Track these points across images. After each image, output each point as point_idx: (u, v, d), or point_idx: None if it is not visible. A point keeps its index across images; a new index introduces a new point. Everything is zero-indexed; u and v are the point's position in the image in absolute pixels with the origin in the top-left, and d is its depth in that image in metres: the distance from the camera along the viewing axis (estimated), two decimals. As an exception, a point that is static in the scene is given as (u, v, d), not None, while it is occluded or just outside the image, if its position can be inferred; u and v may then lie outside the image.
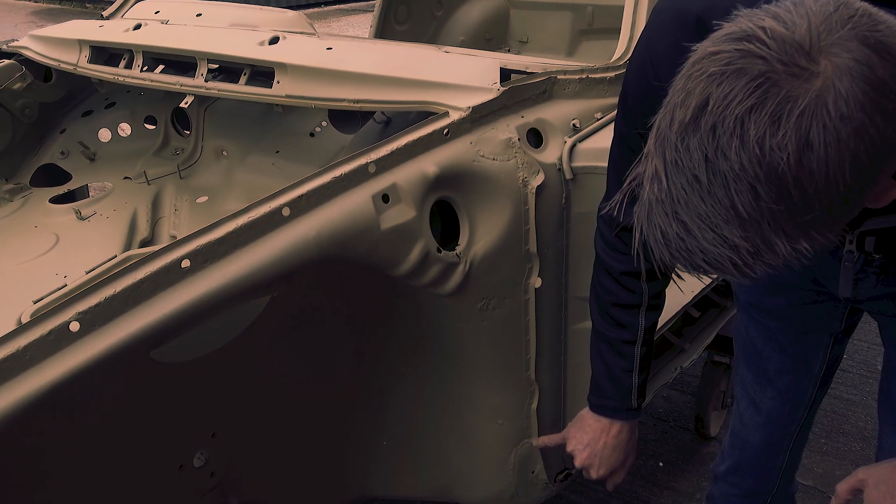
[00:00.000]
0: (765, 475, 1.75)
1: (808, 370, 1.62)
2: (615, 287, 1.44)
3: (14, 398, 1.04)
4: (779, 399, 1.65)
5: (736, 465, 1.76)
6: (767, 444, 1.71)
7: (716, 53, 0.79)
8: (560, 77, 1.62)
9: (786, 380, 1.63)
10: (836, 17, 0.77)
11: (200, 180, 2.19)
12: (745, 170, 0.76)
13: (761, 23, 0.78)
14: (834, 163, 0.75)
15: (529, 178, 1.50)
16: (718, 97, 0.77)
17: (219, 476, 1.45)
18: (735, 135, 0.76)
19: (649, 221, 0.85)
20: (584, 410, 1.58)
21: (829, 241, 0.82)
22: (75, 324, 1.08)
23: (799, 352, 1.60)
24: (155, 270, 1.14)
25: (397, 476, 1.75)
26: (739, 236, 0.80)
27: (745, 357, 1.68)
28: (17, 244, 2.02)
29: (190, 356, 1.29)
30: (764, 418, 1.68)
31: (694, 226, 0.81)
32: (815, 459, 2.75)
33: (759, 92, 0.75)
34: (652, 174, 0.83)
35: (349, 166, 1.33)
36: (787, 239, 0.80)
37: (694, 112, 0.78)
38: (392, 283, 1.43)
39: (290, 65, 1.68)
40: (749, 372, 1.68)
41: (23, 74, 2.22)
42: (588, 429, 1.55)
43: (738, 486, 1.78)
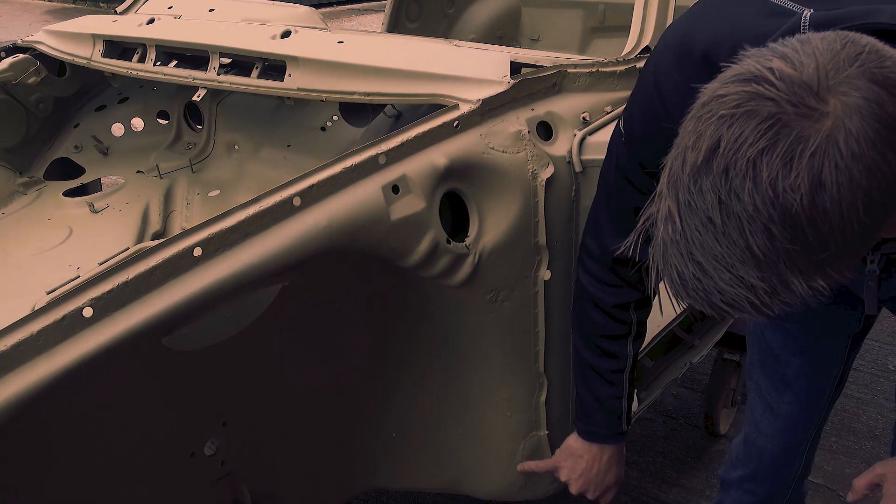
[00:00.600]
0: (782, 481, 1.76)
1: (826, 372, 1.63)
2: (605, 320, 1.45)
3: (27, 382, 1.05)
4: (798, 403, 1.65)
5: (753, 473, 1.76)
6: (785, 450, 1.71)
7: (725, 95, 0.79)
8: (570, 70, 1.63)
9: (804, 383, 1.63)
10: (843, 55, 0.78)
11: (212, 174, 2.21)
12: (758, 211, 0.77)
13: (769, 63, 0.79)
14: (847, 202, 0.76)
15: (539, 171, 1.51)
16: (730, 139, 0.77)
17: (229, 465, 1.46)
18: (748, 177, 0.76)
19: (665, 262, 0.86)
20: (573, 438, 1.61)
21: (844, 277, 0.82)
22: (88, 309, 1.09)
23: (818, 354, 1.60)
24: (167, 258, 1.15)
25: (406, 468, 1.76)
26: (756, 276, 0.80)
27: (762, 362, 1.67)
28: (31, 236, 2.04)
29: (201, 345, 1.30)
30: (782, 424, 1.68)
31: (710, 266, 0.81)
32: (826, 458, 2.75)
33: (770, 134, 0.76)
34: (666, 215, 0.84)
35: (360, 157, 1.34)
36: (803, 277, 0.80)
37: (706, 154, 0.79)
38: (401, 274, 1.44)
39: (302, 58, 1.69)
40: (766, 377, 1.67)
41: (37, 69, 2.24)
42: (579, 458, 1.60)
43: (754, 493, 1.78)
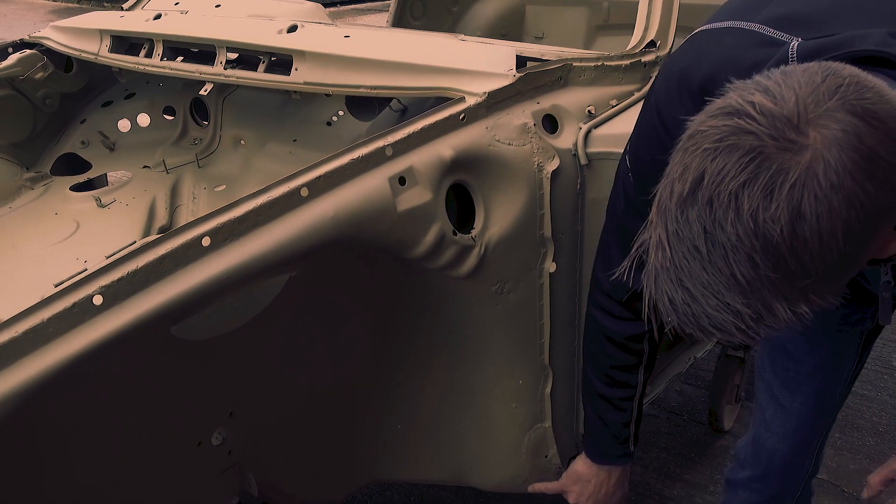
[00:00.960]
0: (792, 480, 1.75)
1: (839, 370, 1.62)
2: (618, 352, 1.47)
3: (37, 370, 1.06)
4: (810, 401, 1.65)
5: (763, 473, 1.75)
6: (797, 449, 1.70)
7: (708, 129, 0.82)
8: (576, 64, 1.64)
9: (817, 381, 1.63)
10: (823, 88, 0.80)
11: (219, 169, 2.22)
12: (741, 241, 0.80)
13: (751, 97, 0.81)
14: (827, 231, 0.78)
15: (545, 163, 1.52)
16: (713, 172, 0.80)
17: (236, 455, 1.47)
18: (730, 208, 0.79)
19: (657, 287, 0.89)
20: (580, 462, 1.65)
21: (828, 303, 0.85)
22: (98, 297, 1.10)
23: (831, 351, 1.60)
24: (176, 247, 1.16)
25: (411, 460, 1.77)
26: (741, 303, 0.83)
27: (773, 360, 1.67)
28: (38, 230, 2.05)
29: (209, 334, 1.31)
30: (794, 423, 1.67)
31: (698, 293, 0.84)
32: (830, 454, 2.75)
33: (752, 167, 0.78)
34: (656, 242, 0.87)
35: (366, 149, 1.35)
36: (787, 303, 0.83)
37: (691, 186, 0.82)
38: (408, 265, 1.45)
39: (309, 52, 1.70)
40: (777, 376, 1.67)
41: (44, 64, 2.25)
42: (588, 482, 1.65)
43: (763, 493, 1.77)
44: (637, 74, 1.70)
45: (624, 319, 1.43)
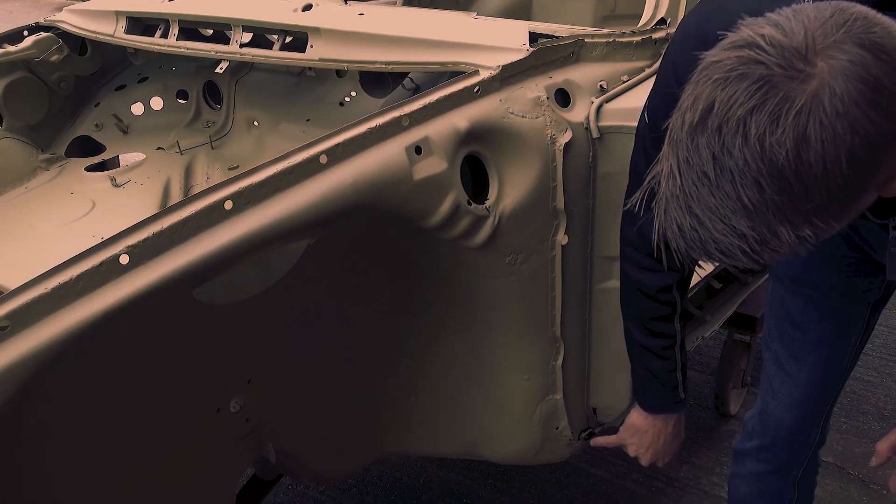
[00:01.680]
0: (799, 449, 1.77)
1: (846, 340, 1.64)
2: (651, 304, 1.51)
3: (67, 325, 1.08)
4: (817, 371, 1.66)
5: (770, 442, 1.77)
6: (803, 419, 1.72)
7: (720, 61, 0.86)
8: (587, 40, 1.66)
9: (825, 351, 1.64)
10: (831, 21, 0.83)
11: (232, 150, 2.24)
12: (748, 165, 0.83)
13: (761, 31, 0.85)
14: (831, 156, 0.81)
15: (557, 136, 1.54)
16: (723, 100, 0.84)
17: (254, 422, 1.50)
18: (738, 133, 0.83)
19: (666, 216, 0.93)
20: (635, 415, 1.68)
21: (832, 228, 0.88)
22: (125, 256, 1.13)
23: (838, 322, 1.62)
24: (199, 210, 1.18)
25: (425, 433, 1.79)
26: (747, 226, 0.86)
27: (780, 330, 1.69)
28: (54, 209, 2.08)
29: (229, 299, 1.33)
30: (801, 392, 1.69)
31: (705, 218, 0.88)
32: (836, 438, 2.77)
33: (760, 94, 0.82)
34: (667, 172, 0.91)
35: (384, 118, 1.37)
36: (790, 227, 0.86)
37: (701, 114, 0.85)
38: (423, 235, 1.48)
39: (324, 29, 1.72)
40: (784, 346, 1.68)
41: (59, 47, 2.28)
42: (645, 433, 1.67)
43: (770, 463, 1.79)
44: (648, 51, 1.73)
45: (652, 271, 1.46)
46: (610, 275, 1.71)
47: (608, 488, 2.60)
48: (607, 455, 2.73)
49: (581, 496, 2.56)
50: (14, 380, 1.05)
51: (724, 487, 2.57)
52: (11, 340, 1.05)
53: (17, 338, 1.06)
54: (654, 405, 1.64)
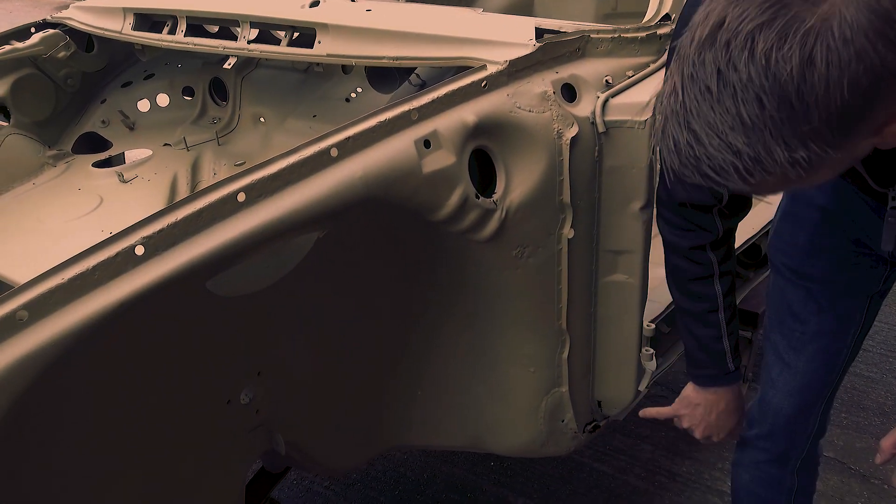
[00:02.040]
0: (797, 439, 1.77)
1: (845, 332, 1.65)
2: (686, 263, 1.53)
3: (84, 315, 1.10)
4: (815, 361, 1.67)
5: (769, 431, 1.78)
6: (801, 409, 1.73)
7: None
8: (593, 36, 1.68)
9: (824, 342, 1.65)
10: None
11: (238, 146, 2.26)
12: (751, 80, 0.85)
13: None
14: (834, 79, 0.83)
15: (564, 130, 1.56)
16: (734, 16, 0.86)
17: (264, 414, 1.51)
18: (745, 48, 0.85)
19: (664, 134, 0.95)
20: (688, 388, 1.67)
21: (826, 156, 0.89)
22: (140, 247, 1.14)
23: (837, 314, 1.62)
24: (213, 202, 1.20)
25: (431, 426, 1.80)
26: (743, 142, 0.88)
27: (780, 322, 1.70)
28: (62, 205, 2.09)
29: (241, 291, 1.35)
30: (799, 382, 1.70)
31: (703, 133, 0.90)
32: (836, 433, 2.79)
33: (771, 11, 0.84)
34: (670, 90, 0.93)
35: (393, 112, 1.39)
36: (785, 147, 0.88)
37: (711, 29, 0.88)
38: (432, 228, 1.49)
39: (332, 25, 1.74)
40: (783, 337, 1.69)
41: (66, 44, 2.30)
42: (697, 406, 1.65)
43: (769, 451, 1.80)
44: (653, 46, 1.74)
45: (683, 230, 1.49)
46: (615, 268, 1.73)
47: (611, 483, 2.61)
48: (610, 450, 2.75)
49: (584, 491, 2.58)
50: (33, 368, 1.06)
51: (726, 482, 2.60)
52: (30, 329, 1.07)
53: (36, 327, 1.07)
54: (704, 377, 1.63)
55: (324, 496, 2.54)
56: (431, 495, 2.55)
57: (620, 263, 1.73)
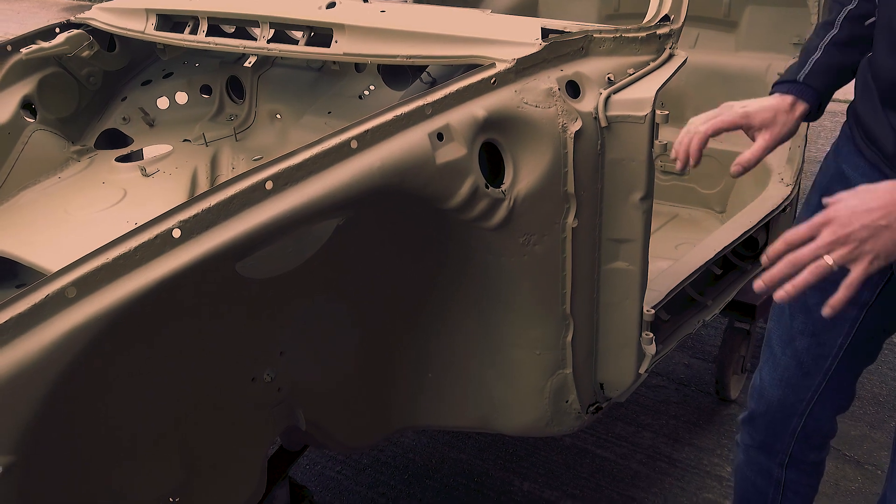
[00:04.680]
0: (777, 433, 1.77)
1: (827, 340, 1.61)
2: None
3: (126, 291, 1.20)
4: (794, 360, 1.66)
5: (751, 414, 1.81)
6: (780, 403, 1.72)
7: None
8: (596, 35, 1.78)
9: (805, 343, 1.64)
10: None
11: (255, 142, 2.35)
12: None
13: None
14: None
15: (568, 125, 1.66)
16: None
17: (285, 392, 1.60)
18: None
19: None
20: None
21: None
22: (177, 231, 1.24)
23: (823, 318, 1.52)
24: (243, 189, 1.30)
25: (441, 407, 1.90)
26: None
27: (778, 311, 1.70)
28: (88, 197, 2.18)
29: (267, 274, 1.44)
30: (779, 376, 1.70)
31: None
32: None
33: None
34: None
35: (408, 107, 1.49)
36: None
37: None
38: (443, 217, 1.59)
39: (348, 25, 1.83)
40: (778, 326, 1.70)
41: (90, 43, 2.39)
42: (760, 102, 1.50)
43: (752, 437, 1.82)
44: (653, 46, 1.84)
45: None
46: (616, 256, 1.82)
47: (613, 468, 2.70)
48: (612, 437, 2.84)
49: (587, 475, 2.66)
50: (81, 341, 1.16)
51: (725, 468, 2.69)
52: (78, 305, 1.16)
53: (83, 303, 1.17)
54: (778, 83, 1.52)
55: (335, 480, 2.64)
56: (440, 479, 2.64)
57: (622, 252, 1.82)
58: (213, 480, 1.52)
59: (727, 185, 3.12)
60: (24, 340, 1.12)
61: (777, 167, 2.76)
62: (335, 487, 2.61)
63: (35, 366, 1.13)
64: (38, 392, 1.15)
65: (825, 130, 5.68)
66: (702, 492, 2.60)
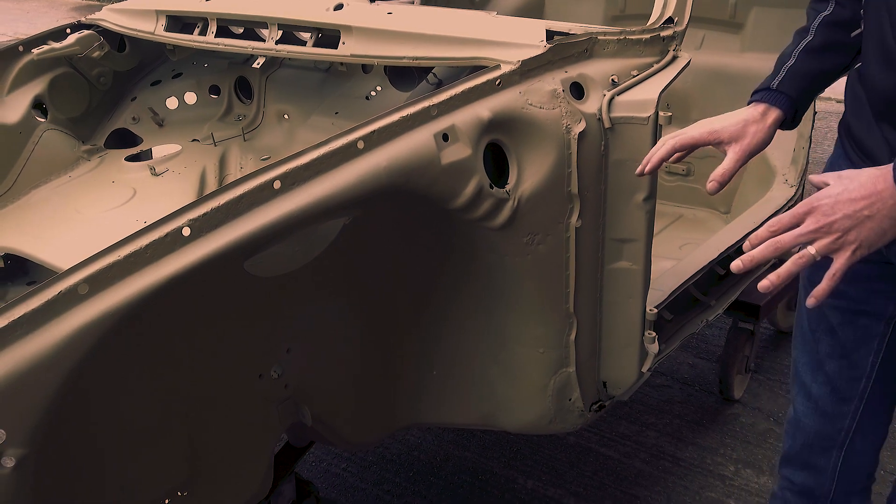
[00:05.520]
0: (817, 472, 1.66)
1: (858, 359, 1.53)
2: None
3: (137, 288, 1.22)
4: (828, 386, 1.58)
5: (787, 453, 1.71)
6: (818, 436, 1.63)
7: None
8: (600, 38, 1.80)
9: (835, 366, 1.56)
10: None
11: (263, 142, 2.38)
12: None
13: None
14: None
15: (572, 126, 1.68)
16: None
17: (292, 388, 1.63)
18: None
19: None
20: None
21: None
22: (187, 229, 1.27)
23: (850, 337, 1.52)
24: (251, 188, 1.32)
25: (446, 404, 1.92)
26: None
27: (801, 338, 1.63)
28: (98, 196, 2.21)
29: (274, 272, 1.47)
30: (813, 405, 1.61)
31: None
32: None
33: None
34: None
35: (414, 108, 1.51)
36: None
37: None
38: (448, 216, 1.61)
39: (355, 27, 1.86)
40: (803, 354, 1.62)
41: (101, 44, 2.42)
42: (730, 117, 1.49)
43: (792, 482, 1.71)
44: (656, 48, 1.86)
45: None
46: (620, 256, 1.84)
47: (616, 467, 2.72)
48: (616, 436, 2.86)
49: (590, 473, 2.68)
50: (93, 336, 1.19)
51: (728, 467, 2.71)
52: (90, 301, 1.19)
53: (95, 299, 1.19)
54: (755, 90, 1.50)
55: (341, 477, 2.66)
56: (444, 477, 2.66)
57: (625, 251, 1.84)
58: (221, 475, 1.55)
59: (732, 185, 3.13)
60: (37, 336, 1.15)
61: (781, 168, 2.78)
62: (341, 484, 2.63)
63: (48, 360, 1.16)
64: (51, 386, 1.17)
65: (831, 132, 5.69)
66: (705, 490, 2.62)
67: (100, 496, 1.36)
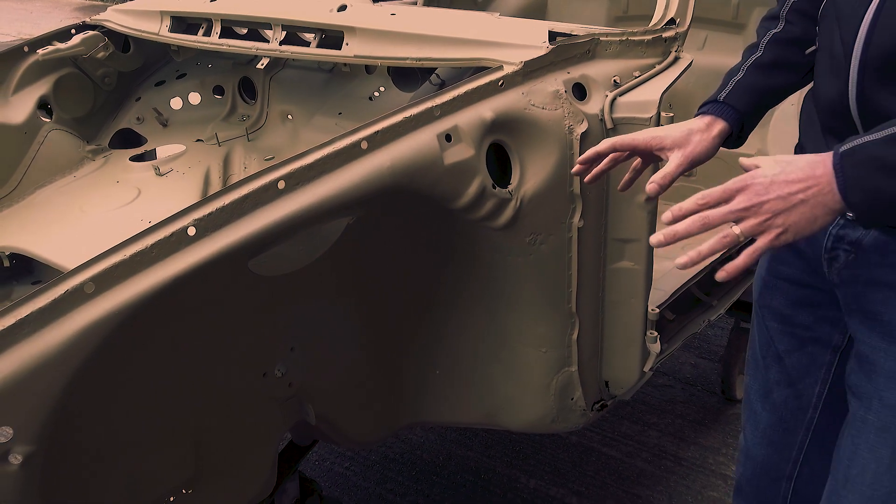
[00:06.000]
0: (769, 495, 1.64)
1: (805, 389, 1.52)
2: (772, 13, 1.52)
3: (143, 288, 1.23)
4: (775, 414, 1.57)
5: (738, 483, 1.70)
6: (765, 465, 1.62)
7: None
8: (602, 38, 1.80)
9: (783, 394, 1.54)
10: None
11: (267, 142, 2.39)
12: None
13: None
14: None
15: (575, 126, 1.69)
16: None
17: (296, 387, 1.64)
18: None
19: None
20: None
21: None
22: (192, 229, 1.28)
23: (796, 365, 1.51)
24: (256, 188, 1.33)
25: (448, 403, 1.93)
26: None
27: (753, 363, 1.62)
28: (102, 196, 2.22)
29: (278, 271, 1.48)
30: (761, 434, 1.61)
31: None
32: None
33: None
34: None
35: (417, 109, 1.52)
36: None
37: None
38: (450, 217, 1.62)
39: (359, 28, 1.87)
40: (755, 380, 1.61)
41: (105, 44, 2.43)
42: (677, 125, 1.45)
43: (743, 500, 1.70)
44: (658, 49, 1.86)
45: None
46: (622, 256, 1.85)
47: (619, 466, 2.73)
48: (618, 436, 2.87)
49: (592, 473, 2.69)
50: (99, 335, 1.20)
51: (730, 466, 2.72)
52: (96, 300, 1.20)
53: (101, 298, 1.20)
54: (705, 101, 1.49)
55: (344, 476, 2.67)
56: (447, 476, 2.67)
57: (627, 251, 1.85)
58: (225, 473, 1.56)
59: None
60: (44, 334, 1.16)
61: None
62: (344, 483, 2.64)
63: (54, 359, 1.17)
64: (58, 384, 1.18)
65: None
66: (706, 490, 2.63)
67: (105, 494, 1.38)
